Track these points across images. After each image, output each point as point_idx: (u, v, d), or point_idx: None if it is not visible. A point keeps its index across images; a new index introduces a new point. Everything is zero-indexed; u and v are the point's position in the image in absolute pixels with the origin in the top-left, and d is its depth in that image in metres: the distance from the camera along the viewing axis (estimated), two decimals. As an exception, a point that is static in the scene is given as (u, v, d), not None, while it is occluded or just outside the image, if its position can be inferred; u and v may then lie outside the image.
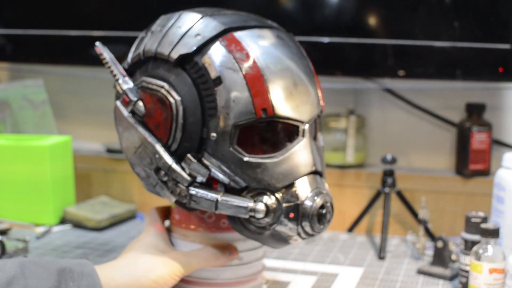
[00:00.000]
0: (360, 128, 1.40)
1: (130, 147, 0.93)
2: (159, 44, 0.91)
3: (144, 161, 0.91)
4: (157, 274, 0.88)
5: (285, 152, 0.88)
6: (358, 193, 1.37)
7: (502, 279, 0.94)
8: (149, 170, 0.91)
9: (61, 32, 1.48)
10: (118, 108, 0.93)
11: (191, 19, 0.91)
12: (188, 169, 0.88)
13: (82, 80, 1.62)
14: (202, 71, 0.87)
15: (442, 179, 1.35)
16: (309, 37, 1.31)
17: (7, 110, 1.48)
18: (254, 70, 0.87)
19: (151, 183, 0.92)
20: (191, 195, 0.89)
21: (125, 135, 0.94)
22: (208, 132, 0.87)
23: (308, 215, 0.87)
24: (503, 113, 1.38)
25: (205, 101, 0.87)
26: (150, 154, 0.90)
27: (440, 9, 1.27)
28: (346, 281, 1.08)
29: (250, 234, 0.90)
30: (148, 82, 0.91)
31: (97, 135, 1.61)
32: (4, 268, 0.78)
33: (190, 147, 0.88)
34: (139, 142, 0.91)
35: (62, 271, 0.80)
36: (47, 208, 1.36)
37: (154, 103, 0.90)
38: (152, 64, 0.92)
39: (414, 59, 1.30)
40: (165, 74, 0.90)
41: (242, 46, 0.88)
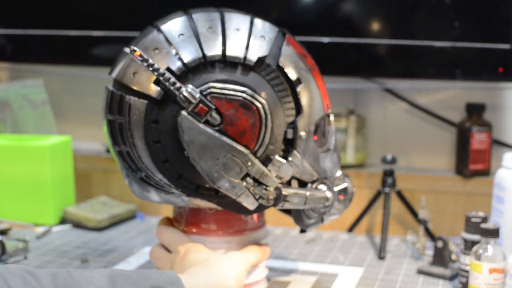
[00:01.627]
0: (360, 128, 1.40)
1: (209, 159, 0.86)
2: (225, 48, 0.87)
3: (230, 172, 0.87)
4: (237, 270, 0.89)
5: (332, 141, 0.99)
6: (358, 193, 1.37)
7: (502, 279, 0.94)
8: (236, 180, 0.88)
9: (61, 32, 1.48)
10: (186, 119, 0.85)
11: (243, 20, 0.91)
12: (277, 171, 0.90)
13: (82, 80, 1.62)
14: (276, 73, 0.89)
15: (442, 179, 1.35)
16: (309, 37, 1.31)
17: (7, 110, 1.48)
18: (315, 68, 0.94)
19: (236, 193, 0.89)
20: (285, 196, 0.91)
21: (199, 147, 0.86)
22: (297, 131, 0.91)
23: (351, 194, 1.00)
24: (503, 113, 1.38)
25: (282, 102, 0.90)
26: (240, 163, 0.87)
27: (440, 9, 1.27)
28: (346, 281, 1.08)
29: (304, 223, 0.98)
30: (221, 88, 0.86)
31: (97, 135, 1.60)
32: (93, 281, 0.73)
33: (274, 150, 0.90)
34: (223, 152, 0.86)
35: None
36: (47, 208, 1.36)
37: (236, 109, 0.86)
38: (218, 68, 0.87)
39: (414, 59, 1.30)
40: (241, 78, 0.87)
41: (299, 47, 0.94)
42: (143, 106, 0.86)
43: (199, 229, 0.97)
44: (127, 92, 0.87)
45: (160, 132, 0.87)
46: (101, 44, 1.46)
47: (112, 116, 0.90)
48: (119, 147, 0.91)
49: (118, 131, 0.89)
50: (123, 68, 0.89)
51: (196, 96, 0.84)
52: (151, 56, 0.87)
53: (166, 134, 0.87)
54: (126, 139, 0.89)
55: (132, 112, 0.87)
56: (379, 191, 1.29)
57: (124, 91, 0.88)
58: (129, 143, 0.89)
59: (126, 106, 0.87)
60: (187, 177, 0.89)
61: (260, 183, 0.89)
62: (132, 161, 0.91)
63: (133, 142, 0.88)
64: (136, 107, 0.86)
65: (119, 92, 0.88)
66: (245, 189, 0.88)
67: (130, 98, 0.87)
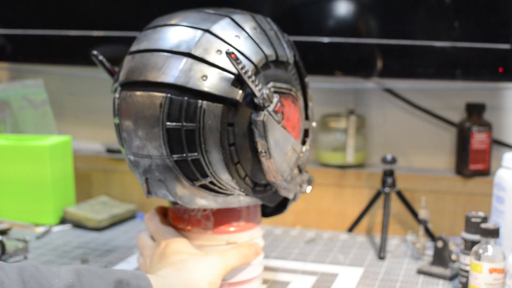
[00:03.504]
0: (360, 128, 1.40)
1: (282, 155, 0.90)
2: (276, 48, 0.91)
3: (292, 165, 0.95)
4: (210, 276, 0.87)
5: None
6: (358, 193, 1.37)
7: (502, 279, 0.94)
8: (293, 172, 0.96)
9: (61, 32, 1.48)
10: (270, 118, 0.87)
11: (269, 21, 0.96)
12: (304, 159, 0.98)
13: (82, 80, 1.62)
14: (294, 70, 0.97)
15: (442, 179, 1.35)
16: (309, 37, 1.31)
17: (7, 110, 1.48)
18: None
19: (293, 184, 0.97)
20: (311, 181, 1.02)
21: (277, 144, 0.89)
22: (310, 122, 1.00)
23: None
24: (503, 113, 1.38)
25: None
26: (296, 155, 0.95)
27: (440, 9, 1.27)
28: (346, 281, 1.08)
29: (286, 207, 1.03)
30: (279, 87, 0.90)
31: (97, 135, 1.60)
32: (59, 275, 0.75)
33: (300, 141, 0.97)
34: (289, 146, 0.93)
35: (119, 283, 0.77)
36: (47, 208, 1.36)
37: (290, 106, 0.92)
38: (273, 67, 0.91)
39: (414, 59, 1.30)
40: (287, 76, 0.94)
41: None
42: (219, 109, 0.84)
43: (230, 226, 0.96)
44: (195, 97, 0.84)
45: (236, 135, 0.87)
46: (101, 44, 1.46)
47: (174, 124, 0.84)
48: (180, 155, 0.86)
49: (185, 139, 0.85)
50: (183, 71, 0.84)
51: (275, 95, 0.87)
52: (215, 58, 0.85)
53: (241, 136, 0.87)
54: (198, 146, 0.85)
55: (206, 117, 0.84)
56: (379, 191, 1.29)
57: (190, 96, 0.84)
58: (201, 149, 0.85)
59: (200, 111, 0.84)
60: (250, 176, 0.91)
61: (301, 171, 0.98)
62: (200, 168, 0.87)
63: (206, 147, 0.85)
64: (211, 111, 0.84)
65: (184, 98, 0.84)
66: (296, 179, 0.97)
67: (203, 102, 0.84)
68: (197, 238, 0.96)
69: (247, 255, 0.94)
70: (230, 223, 0.96)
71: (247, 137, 0.88)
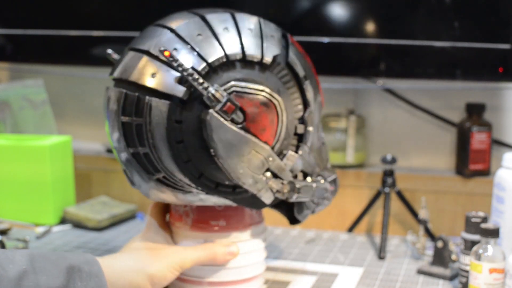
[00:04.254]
0: (360, 128, 1.40)
1: (235, 157, 0.88)
2: (243, 47, 0.89)
3: (253, 168, 0.90)
4: (155, 269, 0.89)
5: (323, 136, 1.01)
6: (358, 193, 1.37)
7: (502, 279, 0.94)
8: (258, 176, 0.90)
9: (61, 32, 1.48)
10: (215, 118, 0.86)
11: (252, 20, 0.93)
12: (290, 165, 0.93)
13: (82, 80, 1.62)
14: (286, 71, 0.93)
15: (442, 179, 1.35)
16: (309, 37, 1.31)
17: (7, 110, 1.48)
18: (313, 67, 0.99)
19: (258, 188, 0.91)
20: (298, 189, 0.94)
21: (225, 145, 0.87)
22: (306, 126, 0.95)
23: (338, 185, 1.03)
24: (503, 113, 1.38)
25: (291, 99, 0.93)
26: (262, 158, 0.90)
27: (440, 9, 1.27)
28: (346, 281, 1.08)
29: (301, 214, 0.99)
30: (243, 86, 0.88)
31: (97, 135, 1.60)
32: (14, 260, 0.77)
33: (287, 145, 0.94)
34: (248, 149, 0.88)
35: (71, 269, 0.80)
36: (47, 208, 1.36)
37: (257, 107, 0.88)
38: (240, 67, 0.89)
39: (414, 59, 1.30)
40: (259, 76, 0.90)
41: (300, 46, 0.97)
42: (166, 106, 0.86)
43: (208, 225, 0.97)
44: (145, 93, 0.87)
45: (184, 132, 0.87)
46: (101, 44, 1.46)
47: (127, 118, 0.89)
48: (135, 149, 0.90)
49: (135, 133, 0.89)
50: (139, 69, 0.88)
51: (224, 95, 0.85)
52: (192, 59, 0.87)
53: (190, 134, 0.87)
54: (146, 141, 0.88)
55: (153, 113, 0.86)
56: (379, 191, 1.29)
57: (142, 92, 0.87)
58: (149, 144, 0.88)
59: (147, 107, 0.86)
60: (208, 175, 0.90)
61: (277, 177, 0.93)
62: (150, 163, 0.90)
63: (154, 143, 0.87)
64: (158, 108, 0.86)
65: (136, 94, 0.87)
66: (265, 184, 0.92)
67: (151, 99, 0.86)
68: (178, 233, 0.98)
69: (216, 254, 0.93)
70: (208, 222, 0.96)
71: (198, 136, 0.87)
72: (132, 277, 0.87)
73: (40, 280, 0.77)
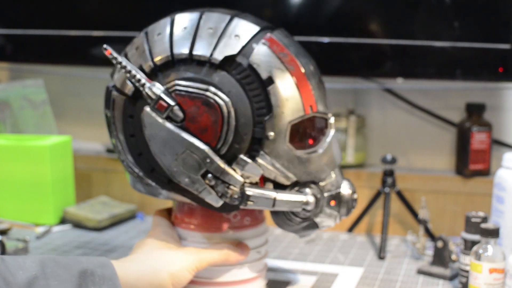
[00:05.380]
0: (360, 128, 1.40)
1: (168, 154, 0.89)
2: (193, 46, 0.89)
3: (189, 168, 0.88)
4: (175, 268, 0.88)
5: (324, 145, 0.95)
6: (358, 193, 1.36)
7: (502, 279, 0.94)
8: (195, 176, 0.89)
9: (61, 32, 1.48)
10: (148, 114, 0.88)
11: (221, 19, 0.91)
12: (242, 170, 0.89)
13: (82, 80, 1.62)
14: (247, 72, 0.89)
15: (442, 179, 1.35)
16: (309, 37, 1.31)
17: (7, 110, 1.48)
18: (298, 69, 0.91)
19: (196, 189, 0.89)
20: (248, 196, 0.90)
21: (159, 143, 0.89)
22: (265, 131, 0.89)
23: (347, 201, 0.96)
24: (503, 113, 1.38)
25: (253, 102, 0.89)
26: (198, 159, 0.88)
27: (440, 9, 1.27)
28: (346, 281, 1.08)
29: (290, 227, 0.96)
30: (185, 85, 0.88)
31: (97, 135, 1.60)
32: (24, 266, 0.76)
33: (240, 148, 0.89)
34: (182, 148, 0.88)
35: (84, 273, 0.79)
36: (47, 208, 1.36)
37: (198, 107, 0.87)
38: (185, 66, 0.89)
39: (414, 59, 1.30)
40: (206, 76, 0.88)
41: (281, 46, 0.91)
42: (122, 101, 0.92)
43: (183, 223, 0.98)
44: (113, 88, 0.93)
45: (135, 127, 0.91)
46: (101, 44, 1.45)
47: (106, 111, 0.95)
48: (112, 139, 0.97)
49: (108, 124, 0.96)
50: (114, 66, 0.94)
51: (157, 93, 0.87)
52: (132, 54, 0.92)
53: (139, 129, 0.90)
54: (113, 132, 0.95)
55: (116, 106, 0.92)
56: (379, 191, 1.29)
57: (112, 87, 0.93)
58: (116, 136, 0.94)
59: (111, 101, 0.93)
60: (159, 170, 0.91)
61: (223, 181, 0.89)
62: (119, 153, 0.96)
63: (117, 135, 0.94)
64: (118, 102, 0.92)
65: (109, 88, 0.94)
66: (206, 185, 0.89)
67: (115, 94, 0.92)
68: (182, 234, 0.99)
69: (229, 254, 0.93)
70: (183, 219, 0.98)
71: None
72: (153, 277, 0.87)
73: (50, 285, 0.76)
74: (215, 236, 0.96)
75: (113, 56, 0.88)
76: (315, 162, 0.94)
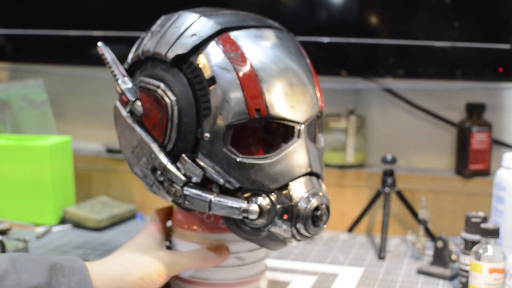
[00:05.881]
0: (360, 128, 1.40)
1: (128, 147, 0.94)
2: (157, 44, 0.91)
3: (141, 161, 0.92)
4: (143, 271, 0.88)
5: (279, 153, 0.87)
6: (358, 193, 1.37)
7: (502, 279, 0.94)
8: (146, 170, 0.91)
9: (61, 32, 1.48)
10: (117, 108, 0.95)
11: (189, 19, 0.91)
12: (183, 169, 0.88)
13: (82, 80, 1.62)
14: (197, 71, 0.87)
15: (442, 179, 1.35)
16: (309, 37, 1.31)
17: (7, 110, 1.48)
18: (248, 70, 0.86)
19: (148, 183, 0.93)
20: (186, 195, 0.88)
21: (123, 135, 0.95)
22: (202, 132, 0.87)
23: (302, 216, 0.86)
24: (503, 113, 1.38)
25: (200, 101, 0.87)
26: (147, 154, 0.90)
27: (440, 9, 1.27)
28: (346, 281, 1.08)
29: (246, 235, 0.89)
30: (146, 82, 0.91)
31: (97, 135, 1.61)
32: None
33: (185, 147, 0.88)
34: (136, 142, 0.92)
35: (53, 266, 0.81)
36: (47, 208, 1.36)
37: (151, 103, 0.90)
38: (150, 64, 0.92)
39: (414, 59, 1.30)
40: (162, 74, 0.90)
41: (237, 46, 0.88)
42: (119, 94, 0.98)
43: (175, 219, 0.99)
44: None
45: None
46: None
47: None
48: None
49: None
50: None
51: (122, 87, 0.92)
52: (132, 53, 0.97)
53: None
54: None
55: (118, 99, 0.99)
56: (379, 191, 1.29)
57: None
58: None
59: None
60: None
61: (168, 178, 0.90)
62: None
63: None
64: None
65: None
66: (155, 180, 0.91)
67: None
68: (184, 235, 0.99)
69: (203, 258, 0.92)
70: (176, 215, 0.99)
71: None
72: (120, 281, 0.87)
73: (22, 279, 0.77)
74: (190, 235, 0.96)
75: (101, 53, 0.94)
76: (264, 170, 0.86)
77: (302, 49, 0.95)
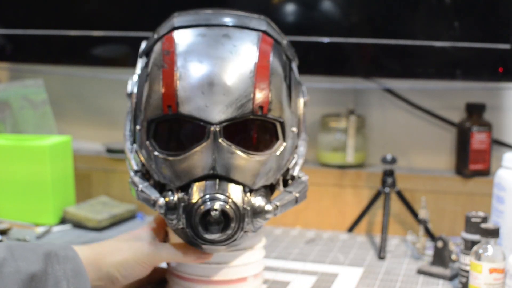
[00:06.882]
0: (360, 128, 1.40)
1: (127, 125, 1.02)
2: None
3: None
4: (121, 257, 0.91)
5: (187, 152, 0.87)
6: (358, 193, 1.37)
7: (502, 279, 0.94)
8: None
9: (61, 32, 1.48)
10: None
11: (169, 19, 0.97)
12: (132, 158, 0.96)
13: (82, 80, 1.61)
14: (147, 67, 0.94)
15: (442, 179, 1.35)
16: (309, 37, 1.31)
17: (7, 110, 1.48)
18: (170, 67, 0.88)
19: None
20: (131, 181, 0.93)
21: None
22: (135, 125, 0.94)
23: (193, 219, 0.85)
24: (503, 113, 1.38)
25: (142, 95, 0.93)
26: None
27: (440, 9, 1.27)
28: (346, 281, 1.08)
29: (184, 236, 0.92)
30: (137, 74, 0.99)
31: (97, 135, 1.60)
32: None
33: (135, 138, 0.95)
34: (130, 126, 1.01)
35: (48, 254, 0.85)
36: (47, 208, 1.36)
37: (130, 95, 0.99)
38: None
39: (414, 59, 1.30)
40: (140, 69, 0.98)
41: (172, 44, 0.90)
42: None
43: None
44: None
45: None
46: (101, 44, 1.46)
47: None
48: None
49: None
50: None
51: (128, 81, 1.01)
52: None
53: None
54: None
55: None
56: (379, 191, 1.29)
57: None
58: None
59: None
60: None
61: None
62: None
63: None
64: None
65: None
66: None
67: None
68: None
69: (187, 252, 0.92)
70: None
71: None
72: (100, 264, 0.90)
73: (20, 266, 0.81)
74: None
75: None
76: (172, 167, 0.88)
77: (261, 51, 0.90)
